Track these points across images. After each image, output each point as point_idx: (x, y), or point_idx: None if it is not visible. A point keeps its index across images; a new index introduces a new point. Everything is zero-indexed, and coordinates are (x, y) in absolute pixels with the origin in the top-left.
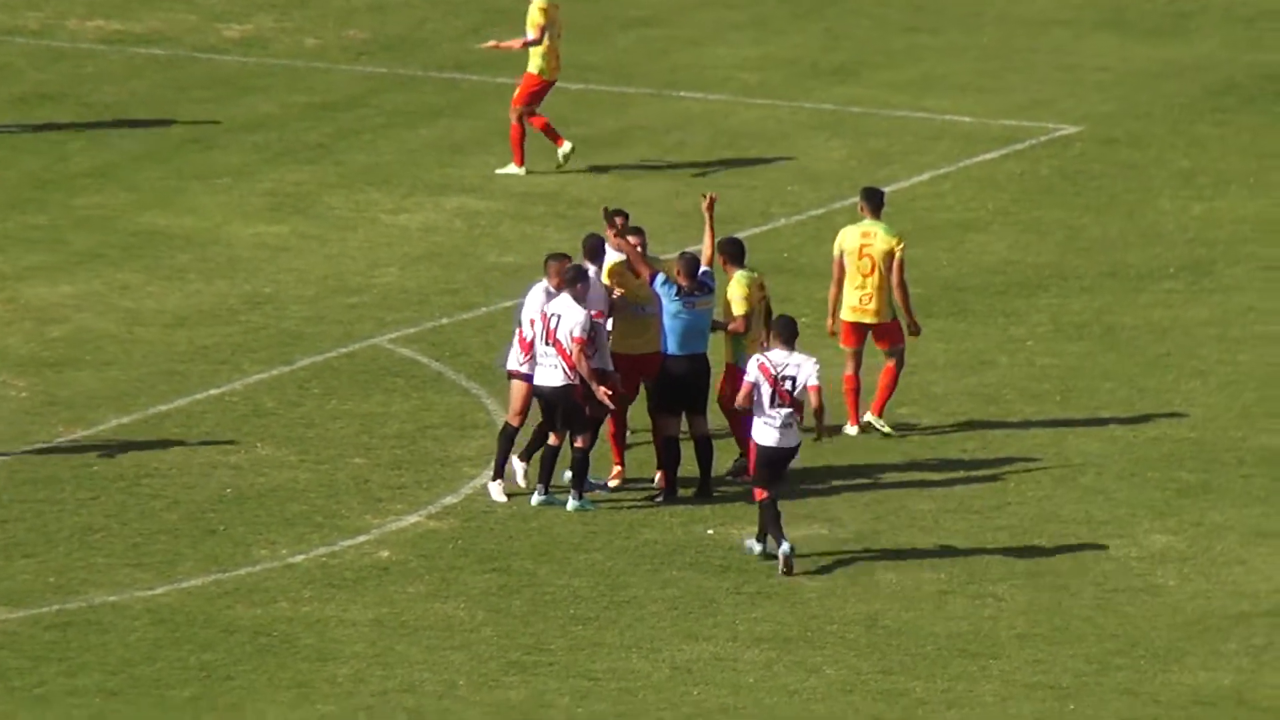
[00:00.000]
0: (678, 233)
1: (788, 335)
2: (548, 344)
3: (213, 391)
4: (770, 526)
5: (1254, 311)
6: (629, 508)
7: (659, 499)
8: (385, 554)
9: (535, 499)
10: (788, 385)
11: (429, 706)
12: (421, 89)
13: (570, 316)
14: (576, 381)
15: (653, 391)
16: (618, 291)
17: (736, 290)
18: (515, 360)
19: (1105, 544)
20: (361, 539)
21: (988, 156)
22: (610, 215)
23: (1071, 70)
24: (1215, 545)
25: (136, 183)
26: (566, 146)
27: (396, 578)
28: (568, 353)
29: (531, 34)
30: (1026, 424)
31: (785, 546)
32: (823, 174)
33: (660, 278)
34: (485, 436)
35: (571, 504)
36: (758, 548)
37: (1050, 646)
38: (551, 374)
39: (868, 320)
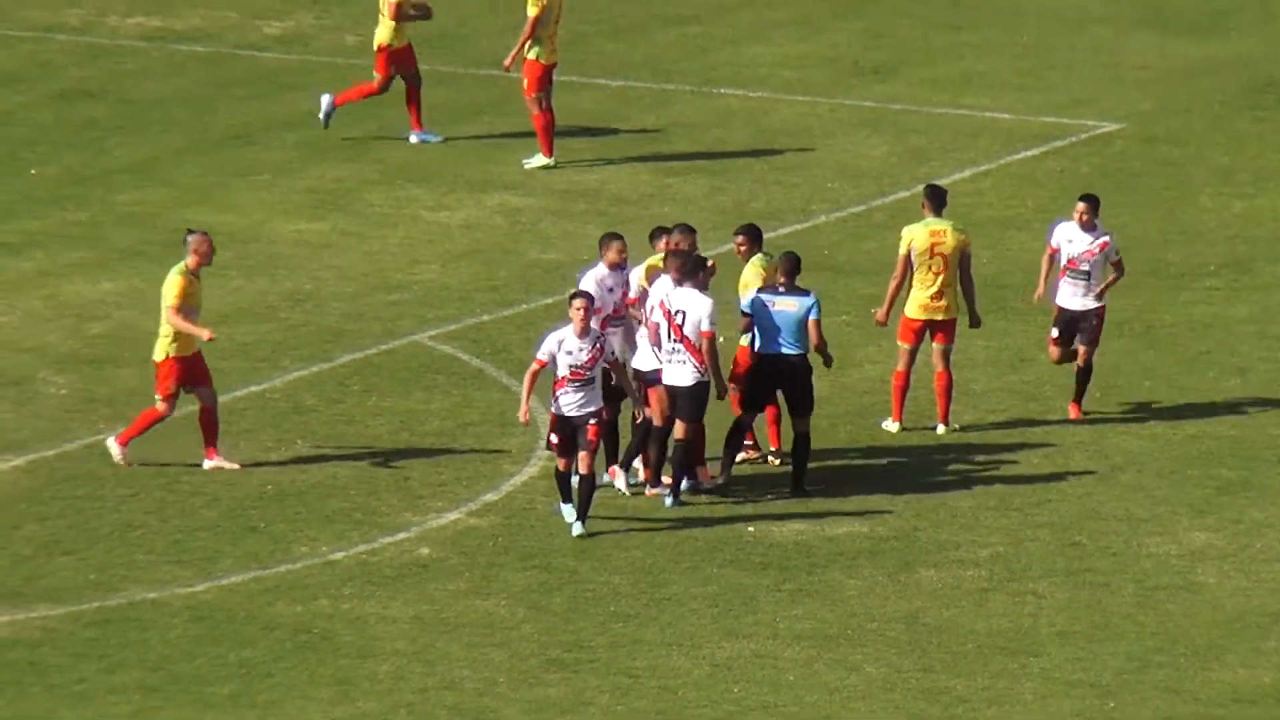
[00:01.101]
0: (718, 230)
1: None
2: (675, 340)
3: (253, 388)
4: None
5: None
6: (669, 509)
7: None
8: (425, 551)
9: (669, 502)
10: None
11: (469, 704)
12: (462, 86)
13: (696, 310)
14: (708, 378)
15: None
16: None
17: (750, 273)
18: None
19: (1145, 541)
20: (401, 536)
21: (1028, 154)
22: (655, 233)
23: (1111, 68)
24: (1255, 542)
25: (177, 179)
26: (548, 160)
27: (436, 575)
28: (696, 348)
29: (532, 10)
30: (1066, 421)
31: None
32: (863, 171)
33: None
34: (525, 433)
35: (669, 501)
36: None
37: (1090, 644)
38: (680, 371)
39: (939, 317)
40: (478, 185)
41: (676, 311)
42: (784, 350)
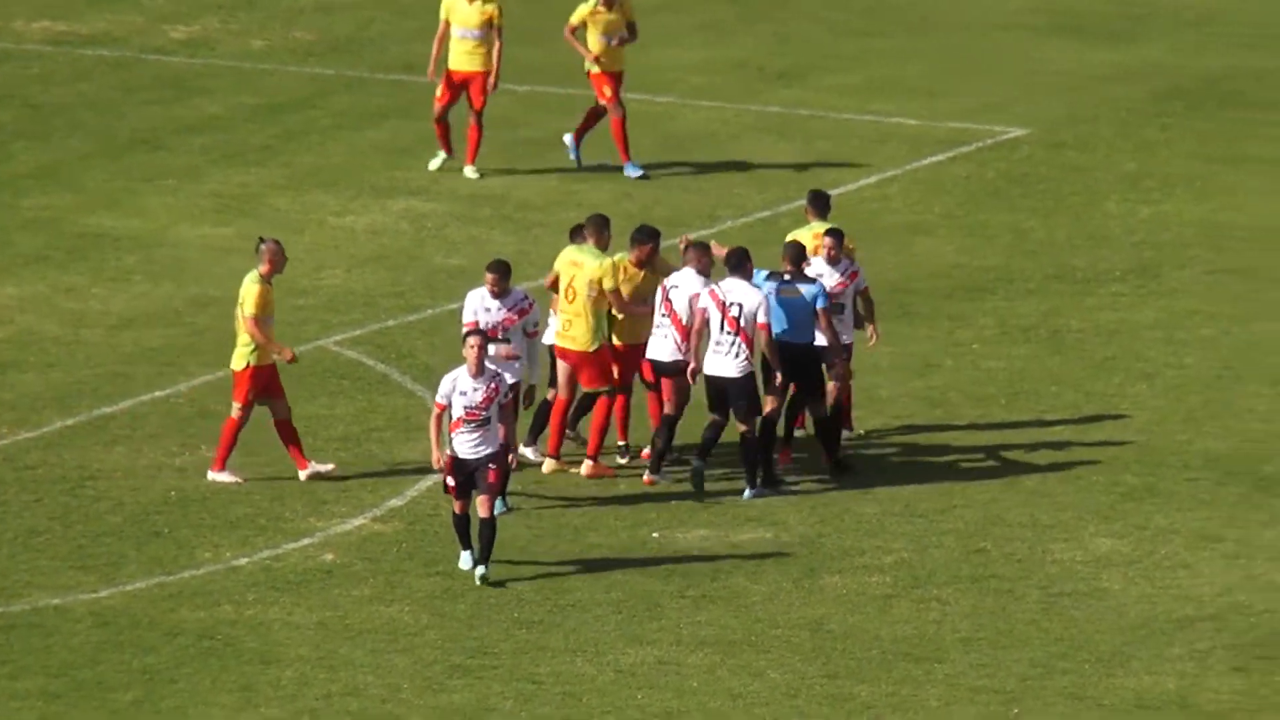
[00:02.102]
0: (623, 235)
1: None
2: (729, 332)
3: (158, 393)
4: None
5: (1200, 315)
6: (574, 511)
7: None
8: (329, 557)
9: (746, 494)
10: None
11: (373, 710)
12: (369, 91)
13: (751, 301)
14: (753, 369)
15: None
16: (625, 288)
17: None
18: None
19: (1050, 547)
20: (306, 542)
21: (934, 159)
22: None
23: (1018, 74)
24: (1160, 549)
25: (83, 184)
26: (441, 161)
27: (341, 581)
28: (750, 339)
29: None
30: (972, 427)
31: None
32: (769, 177)
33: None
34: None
35: (748, 493)
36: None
37: (995, 650)
38: (729, 364)
39: None
40: (383, 191)
41: (732, 304)
42: (792, 339)
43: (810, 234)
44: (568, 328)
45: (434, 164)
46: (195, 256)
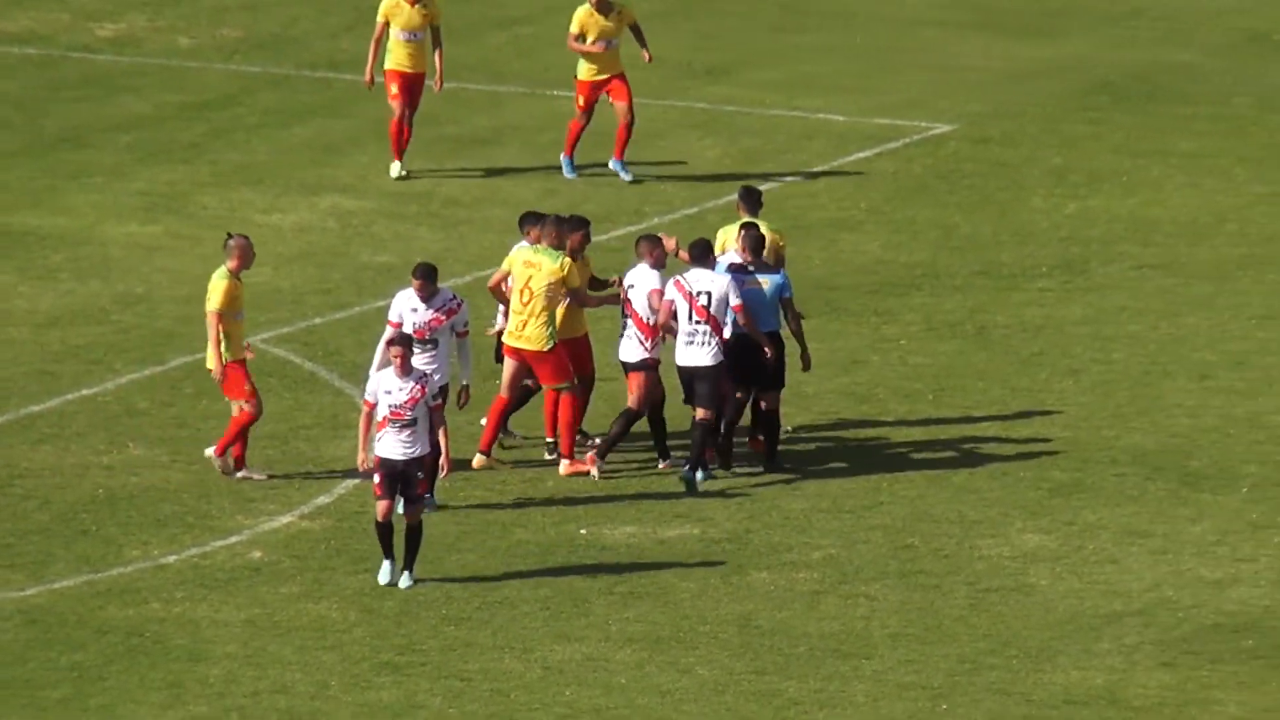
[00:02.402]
0: None
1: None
2: (698, 321)
3: (85, 391)
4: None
5: (1126, 310)
6: (502, 507)
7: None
8: (257, 554)
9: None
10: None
11: (301, 707)
12: (295, 88)
13: (719, 286)
14: (724, 359)
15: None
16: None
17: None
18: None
19: (978, 543)
20: (234, 539)
21: (861, 155)
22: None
23: (944, 70)
24: (1088, 544)
25: (8, 182)
26: (400, 168)
27: (269, 578)
28: (720, 326)
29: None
30: (899, 423)
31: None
32: (695, 173)
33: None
34: (357, 436)
35: (699, 475)
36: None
37: (923, 646)
38: (700, 353)
39: None
40: (310, 188)
41: (699, 293)
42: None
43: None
44: (521, 329)
45: (396, 171)
46: (122, 254)
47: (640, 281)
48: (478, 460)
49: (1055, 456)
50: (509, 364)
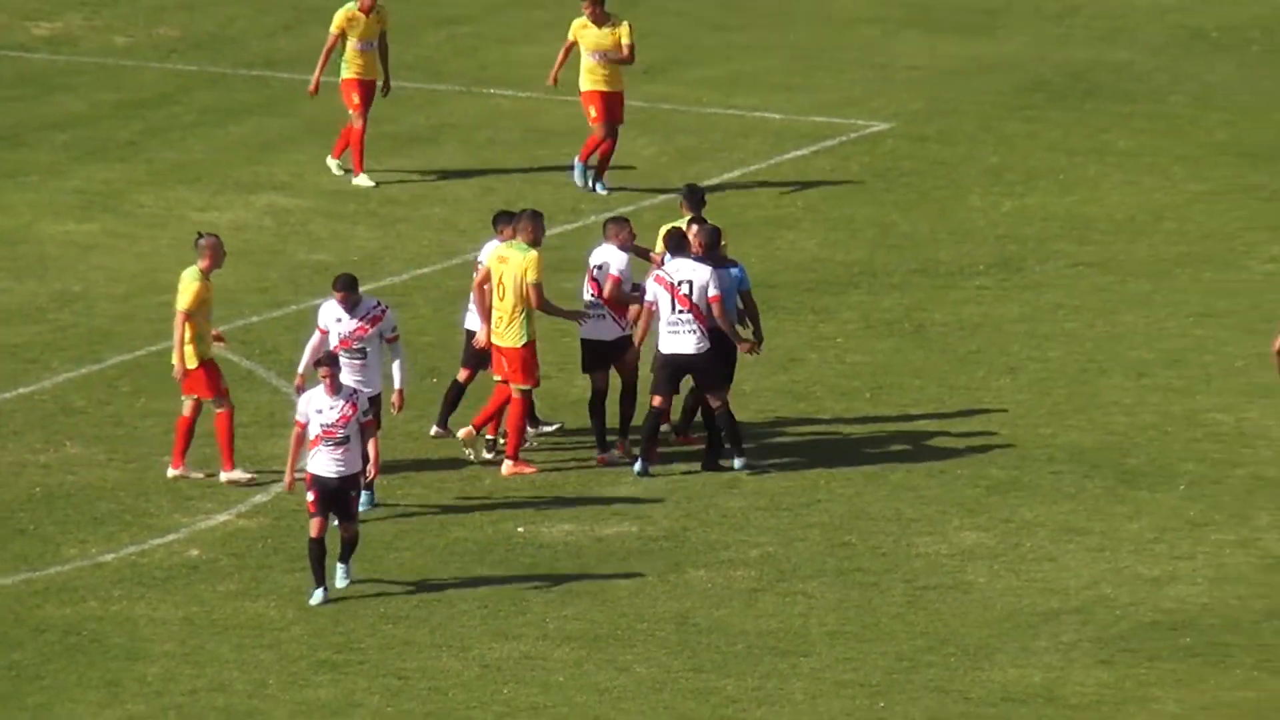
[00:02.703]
0: (488, 229)
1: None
2: (682, 311)
3: (22, 390)
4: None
5: (1063, 308)
6: (440, 506)
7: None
8: (195, 552)
9: (737, 464)
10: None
11: (239, 705)
12: (231, 87)
13: (700, 276)
14: (710, 344)
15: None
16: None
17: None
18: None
19: (915, 541)
20: (171, 537)
21: (798, 153)
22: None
23: (881, 68)
24: (1025, 542)
25: None
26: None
27: (206, 576)
28: (704, 315)
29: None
30: (837, 421)
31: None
32: (632, 171)
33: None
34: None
35: (738, 463)
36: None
37: (860, 644)
38: (686, 341)
39: None
40: (246, 186)
41: (681, 282)
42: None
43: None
44: (499, 324)
45: (366, 181)
46: (58, 253)
47: (608, 262)
48: (464, 431)
49: (993, 454)
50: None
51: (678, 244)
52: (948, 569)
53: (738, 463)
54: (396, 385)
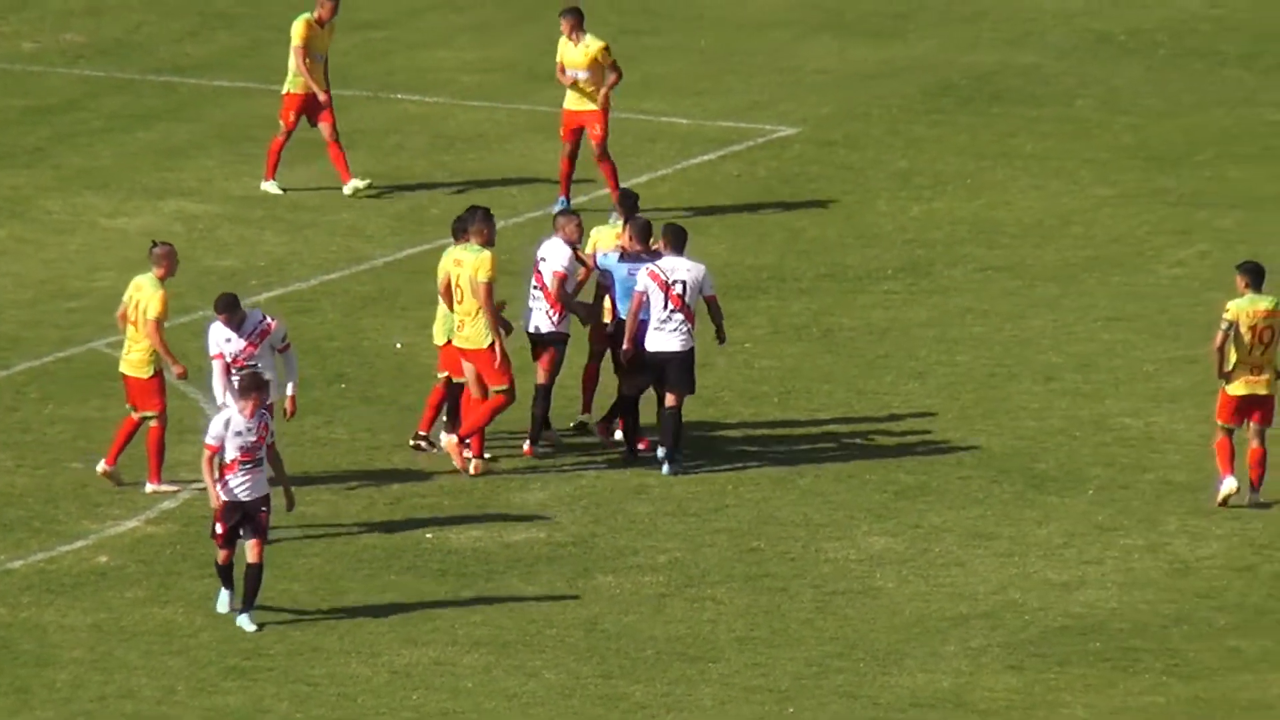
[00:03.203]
0: (396, 235)
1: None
2: (673, 309)
3: None
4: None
5: (971, 313)
6: (348, 512)
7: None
8: (103, 559)
9: (666, 469)
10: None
11: (147, 712)
12: (139, 92)
13: (694, 274)
14: (694, 344)
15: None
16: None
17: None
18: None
19: (824, 546)
20: (79, 544)
21: (705, 158)
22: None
23: (789, 72)
24: (934, 547)
25: None
26: (352, 185)
27: (115, 583)
28: (693, 314)
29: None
30: (745, 425)
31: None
32: (542, 176)
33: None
34: (200, 441)
35: (668, 467)
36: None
37: (769, 649)
38: (672, 339)
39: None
40: (155, 192)
41: (675, 281)
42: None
43: (614, 233)
44: (461, 328)
45: (274, 188)
46: None
47: (551, 255)
48: (475, 465)
49: (901, 459)
50: (465, 365)
51: (676, 240)
52: (856, 574)
53: (667, 466)
54: (288, 392)
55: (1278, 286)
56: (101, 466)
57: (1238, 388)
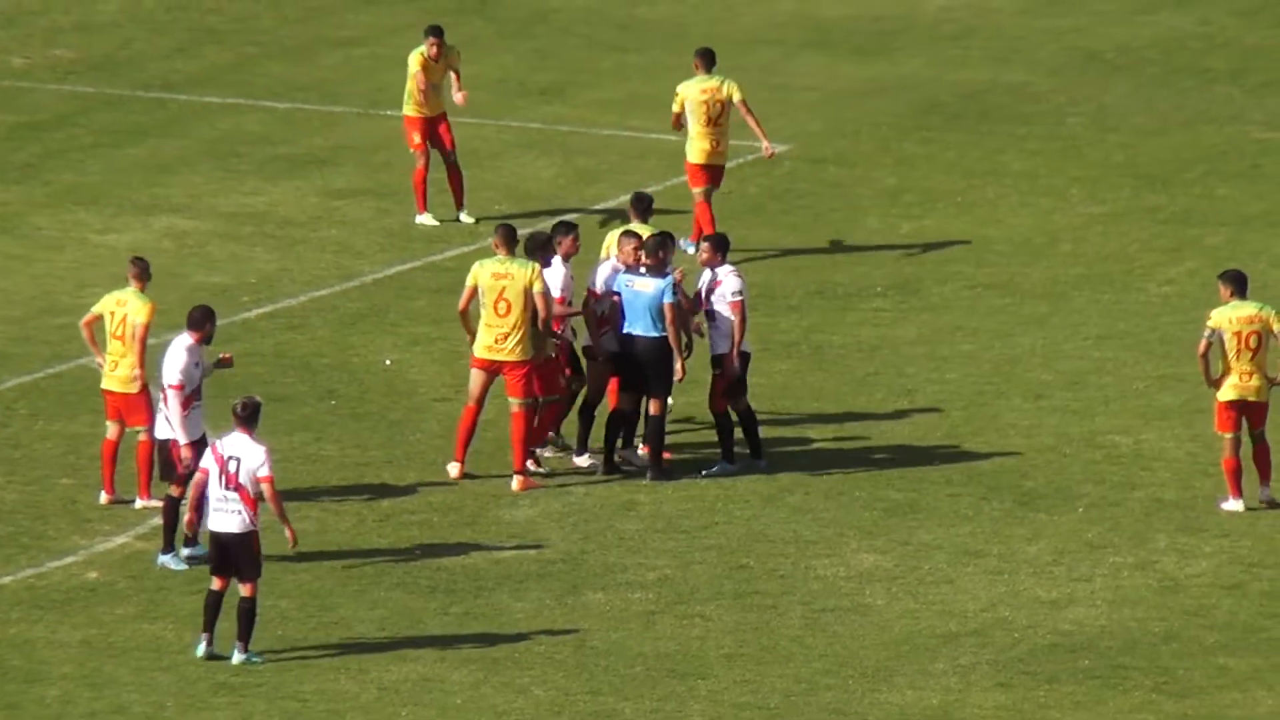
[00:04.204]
0: (385, 252)
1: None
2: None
3: None
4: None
5: (961, 330)
6: (338, 529)
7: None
8: (93, 575)
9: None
10: None
11: None
12: (129, 108)
13: (729, 285)
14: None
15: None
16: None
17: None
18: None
19: (813, 563)
20: (69, 560)
21: None
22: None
23: (778, 90)
24: (923, 564)
25: None
26: (424, 217)
27: (104, 599)
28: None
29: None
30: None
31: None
32: (530, 192)
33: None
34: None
35: (651, 473)
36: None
37: (758, 666)
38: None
39: None
40: (144, 208)
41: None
42: (637, 332)
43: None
44: (502, 341)
45: (429, 220)
46: None
47: (549, 272)
48: (518, 482)
49: (890, 476)
50: (477, 375)
51: (721, 249)
52: (846, 591)
53: (651, 472)
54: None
55: (1267, 300)
56: (104, 498)
57: (1228, 393)
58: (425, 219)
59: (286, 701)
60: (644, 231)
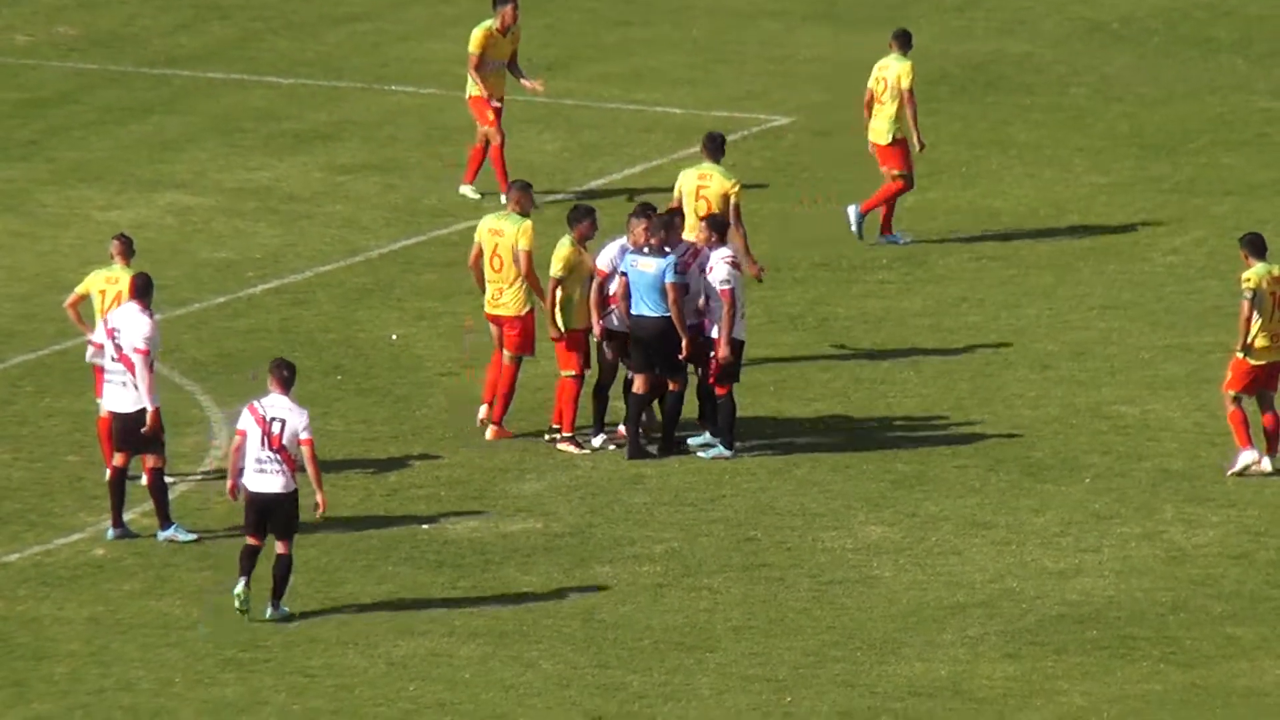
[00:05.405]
0: (391, 227)
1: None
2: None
3: None
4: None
5: (966, 302)
6: (345, 504)
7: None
8: (100, 552)
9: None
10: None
11: (145, 704)
12: (133, 85)
13: (719, 270)
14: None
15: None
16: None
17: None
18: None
19: (821, 535)
20: (76, 537)
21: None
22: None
23: (783, 62)
24: (930, 536)
25: None
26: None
27: (111, 575)
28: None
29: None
30: (740, 416)
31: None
32: (536, 166)
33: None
34: (198, 433)
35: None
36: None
37: (767, 639)
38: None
39: None
40: (148, 185)
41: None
42: (643, 312)
43: (697, 174)
44: (498, 296)
45: (472, 192)
46: None
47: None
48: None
49: (897, 448)
50: (490, 327)
51: (718, 230)
52: (853, 563)
53: (659, 447)
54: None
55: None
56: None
57: (1261, 355)
58: (468, 189)
59: (294, 676)
60: (713, 173)
